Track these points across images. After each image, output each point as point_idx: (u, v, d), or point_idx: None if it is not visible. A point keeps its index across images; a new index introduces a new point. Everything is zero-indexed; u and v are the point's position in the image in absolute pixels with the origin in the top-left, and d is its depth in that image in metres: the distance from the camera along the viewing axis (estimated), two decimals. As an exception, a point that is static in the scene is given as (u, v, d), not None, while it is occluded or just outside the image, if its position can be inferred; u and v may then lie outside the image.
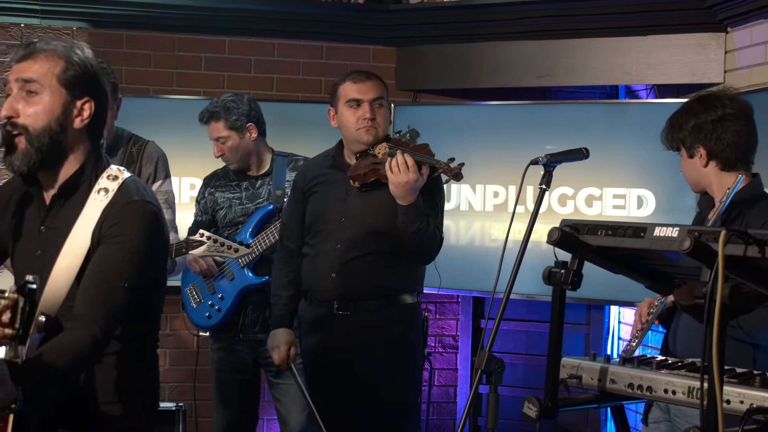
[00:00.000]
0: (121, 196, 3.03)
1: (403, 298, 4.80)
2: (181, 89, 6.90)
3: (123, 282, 2.93)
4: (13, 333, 2.35)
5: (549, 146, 6.00)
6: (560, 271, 2.92)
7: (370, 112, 4.77)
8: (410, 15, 6.93)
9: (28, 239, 3.14)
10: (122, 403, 3.09)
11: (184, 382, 6.59)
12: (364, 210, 4.75)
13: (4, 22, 6.72)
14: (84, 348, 2.82)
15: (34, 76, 2.99)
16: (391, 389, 4.74)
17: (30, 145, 2.98)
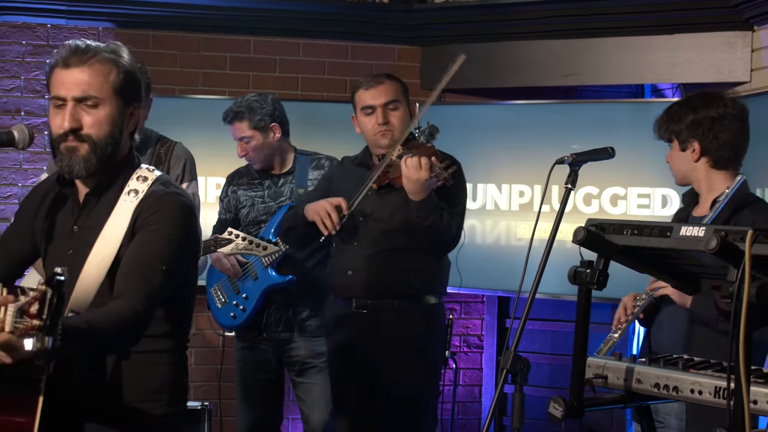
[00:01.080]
0: (154, 192, 3.06)
1: (422, 298, 4.80)
2: (206, 89, 6.92)
3: (161, 265, 2.95)
4: (40, 324, 2.36)
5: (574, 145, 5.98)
6: (586, 270, 2.91)
7: (383, 117, 4.81)
8: (435, 14, 6.93)
9: (60, 239, 3.16)
10: (152, 401, 3.10)
11: (210, 382, 6.61)
12: (381, 209, 4.78)
13: (31, 23, 6.75)
14: (127, 317, 2.81)
15: (91, 92, 2.99)
16: (405, 390, 4.75)
17: (93, 153, 3.01)
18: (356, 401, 4.86)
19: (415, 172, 4.51)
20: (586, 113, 6.48)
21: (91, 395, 3.02)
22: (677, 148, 3.99)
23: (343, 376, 4.90)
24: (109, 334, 2.78)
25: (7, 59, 6.74)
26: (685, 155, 3.96)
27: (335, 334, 4.92)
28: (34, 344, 2.39)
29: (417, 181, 4.52)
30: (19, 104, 6.73)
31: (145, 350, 3.05)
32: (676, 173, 4.06)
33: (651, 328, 4.05)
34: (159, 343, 3.12)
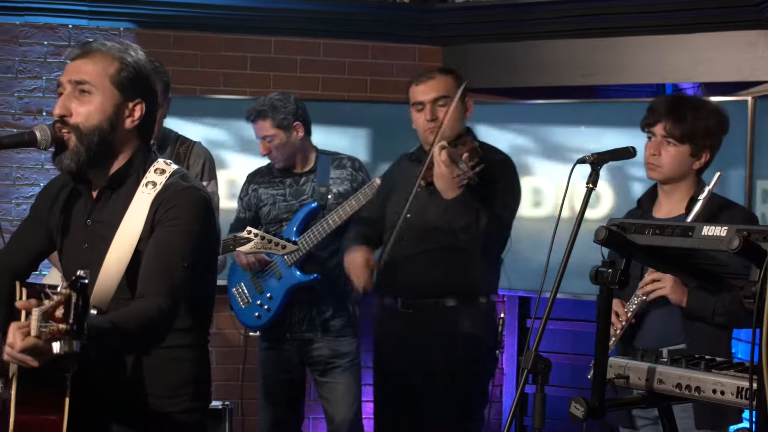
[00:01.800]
0: (172, 185, 3.06)
1: (469, 297, 4.75)
2: (227, 89, 6.93)
3: (182, 261, 2.96)
4: (67, 328, 2.37)
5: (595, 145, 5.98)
6: (607, 270, 2.91)
7: (430, 113, 4.73)
8: (456, 14, 6.92)
9: (75, 233, 3.17)
10: (176, 396, 3.11)
11: (231, 381, 6.62)
12: (428, 207, 4.72)
13: (53, 24, 6.77)
14: (152, 316, 2.83)
15: (86, 77, 3.02)
16: (450, 391, 4.72)
17: (80, 144, 3.01)
18: (399, 399, 4.83)
19: (438, 167, 4.46)
20: (606, 113, 6.46)
21: (115, 391, 3.04)
22: (685, 149, 3.99)
23: (388, 376, 4.89)
24: (134, 334, 2.79)
25: (29, 60, 6.77)
26: (689, 159, 4.00)
27: (380, 330, 4.91)
28: (62, 347, 2.40)
29: (441, 178, 4.47)
30: (41, 105, 6.76)
31: (167, 346, 3.05)
32: (669, 170, 4.02)
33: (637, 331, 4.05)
34: (181, 338, 3.13)
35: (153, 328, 2.87)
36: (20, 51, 6.76)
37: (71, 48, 3.12)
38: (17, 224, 6.48)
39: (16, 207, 6.70)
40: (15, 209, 6.70)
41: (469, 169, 4.43)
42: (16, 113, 6.77)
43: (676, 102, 4.08)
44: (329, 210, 5.26)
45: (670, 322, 3.95)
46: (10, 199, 6.73)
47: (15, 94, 6.76)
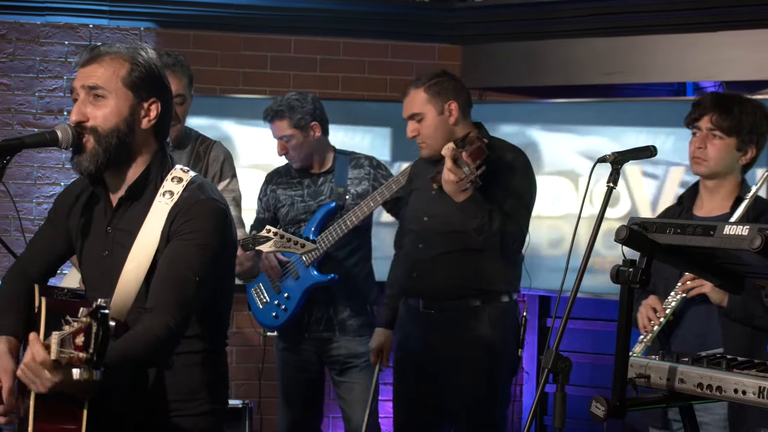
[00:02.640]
0: (189, 196, 3.03)
1: (490, 297, 4.73)
2: (247, 88, 6.94)
3: (194, 276, 2.93)
4: (87, 357, 2.37)
5: (616, 144, 5.97)
6: (628, 269, 2.90)
7: (411, 130, 4.78)
8: (476, 13, 6.92)
9: (94, 239, 3.15)
10: (192, 401, 3.10)
11: (250, 380, 6.63)
12: (444, 209, 4.68)
13: (73, 23, 6.80)
14: (160, 335, 2.82)
15: (99, 81, 3.00)
16: (472, 391, 4.70)
17: (98, 146, 3.00)
18: (421, 399, 4.82)
19: (445, 173, 4.41)
20: (627, 111, 6.45)
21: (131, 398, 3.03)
22: (732, 143, 3.96)
23: (409, 376, 4.88)
24: (143, 358, 2.82)
25: (50, 59, 6.80)
26: (735, 153, 3.97)
27: (403, 333, 4.91)
28: (81, 374, 2.40)
29: (448, 183, 4.42)
30: (62, 104, 6.78)
31: (181, 352, 3.05)
32: (715, 166, 3.99)
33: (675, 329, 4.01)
34: (195, 344, 3.10)
35: (161, 348, 2.87)
36: (41, 51, 6.79)
37: (80, 53, 3.10)
38: (38, 223, 6.51)
39: (37, 206, 6.73)
40: (36, 208, 6.73)
41: (472, 172, 4.37)
42: (37, 113, 6.79)
43: (722, 96, 4.10)
44: (347, 210, 5.25)
45: (707, 322, 3.92)
46: (31, 199, 6.75)
47: (36, 94, 6.79)
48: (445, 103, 4.74)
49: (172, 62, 4.61)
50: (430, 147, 4.73)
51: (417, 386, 4.84)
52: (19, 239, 5.11)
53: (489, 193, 4.54)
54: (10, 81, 6.77)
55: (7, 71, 6.77)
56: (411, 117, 4.75)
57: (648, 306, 4.00)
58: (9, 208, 6.46)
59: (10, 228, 6.54)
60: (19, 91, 6.79)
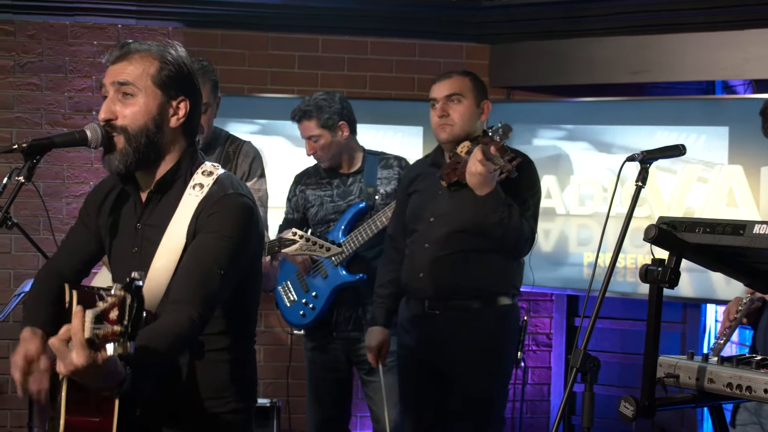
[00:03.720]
0: (217, 190, 3.04)
1: (494, 300, 4.75)
2: (275, 88, 6.96)
3: (219, 269, 2.93)
4: (121, 330, 2.37)
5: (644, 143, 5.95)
6: (657, 269, 2.89)
7: (441, 109, 4.77)
8: (504, 12, 6.90)
9: (124, 236, 3.16)
10: (219, 398, 3.11)
11: (279, 379, 6.64)
12: (451, 209, 4.72)
13: (102, 24, 6.83)
14: (183, 330, 2.81)
15: (129, 78, 3.01)
16: (474, 390, 4.72)
17: (128, 145, 3.01)
18: (427, 401, 4.85)
19: (474, 164, 4.44)
20: (655, 110, 6.43)
21: (161, 394, 3.03)
22: None
23: (413, 377, 4.89)
24: (166, 352, 2.80)
25: (79, 59, 6.83)
26: None
27: (407, 334, 4.91)
28: (116, 349, 2.41)
29: (478, 174, 4.43)
30: (91, 104, 6.81)
31: (209, 349, 3.07)
32: None
33: (756, 332, 3.96)
34: (223, 341, 3.12)
35: (184, 342, 2.87)
36: (70, 51, 6.82)
37: (110, 51, 3.11)
38: (68, 223, 6.57)
39: (66, 206, 6.76)
40: (65, 208, 6.76)
41: (506, 162, 4.41)
42: (66, 112, 6.83)
43: None
44: (377, 210, 5.25)
45: None
46: (60, 198, 6.79)
47: (65, 94, 6.83)
48: (483, 99, 4.84)
49: (196, 68, 4.62)
50: (453, 131, 4.76)
51: (420, 387, 4.86)
52: (48, 238, 5.15)
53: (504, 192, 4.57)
54: (39, 81, 6.81)
55: (36, 71, 6.81)
56: (450, 96, 4.77)
57: (726, 309, 3.97)
58: (39, 208, 6.49)
59: (40, 227, 6.57)
60: (48, 91, 6.82)
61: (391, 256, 5.03)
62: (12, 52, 6.78)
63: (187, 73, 3.11)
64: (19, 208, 6.44)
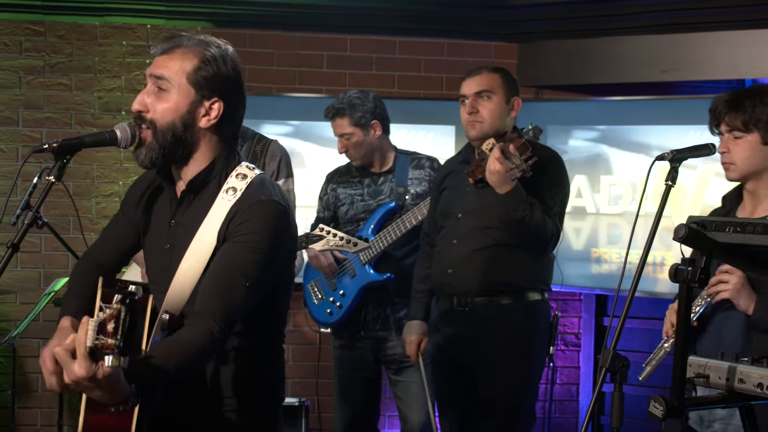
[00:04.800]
0: (250, 195, 3.01)
1: (523, 295, 4.75)
2: (303, 87, 6.97)
3: (245, 281, 2.90)
4: (115, 343, 2.38)
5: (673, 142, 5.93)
6: (687, 268, 2.87)
7: (470, 106, 4.76)
8: (532, 10, 6.89)
9: (158, 232, 3.16)
10: (247, 399, 3.10)
11: (307, 378, 6.66)
12: (478, 205, 4.73)
13: (131, 24, 6.86)
14: (201, 344, 2.79)
15: (165, 73, 3.00)
16: (504, 389, 4.71)
17: (155, 140, 3.00)
18: (457, 398, 4.85)
19: (492, 163, 4.44)
20: (685, 109, 6.40)
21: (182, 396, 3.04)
22: (756, 140, 3.74)
23: (444, 373, 4.90)
24: (184, 368, 2.79)
25: (108, 59, 6.86)
26: (762, 148, 3.73)
27: (438, 331, 4.91)
28: (112, 361, 2.41)
29: (495, 173, 4.44)
30: (120, 103, 6.84)
31: (236, 349, 3.06)
32: (744, 166, 3.76)
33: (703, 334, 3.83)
34: (251, 342, 3.10)
35: (202, 358, 2.86)
36: (100, 51, 6.86)
37: (161, 41, 3.09)
38: (97, 222, 6.62)
39: (96, 205, 6.79)
40: (95, 207, 6.79)
41: (523, 162, 4.41)
42: (95, 112, 6.86)
43: (732, 94, 3.85)
44: (407, 210, 5.25)
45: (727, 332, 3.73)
46: (89, 197, 6.82)
47: (94, 94, 6.86)
48: (513, 96, 4.82)
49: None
50: (482, 128, 4.75)
51: (450, 384, 4.87)
52: (78, 237, 5.18)
53: (527, 191, 4.55)
54: (69, 81, 6.85)
55: (66, 71, 6.84)
56: (479, 93, 4.75)
57: (672, 311, 3.87)
58: (68, 207, 6.52)
59: (69, 226, 6.60)
60: (78, 91, 6.86)
61: (426, 252, 5.04)
62: (42, 53, 6.82)
63: (228, 76, 3.06)
64: (49, 207, 6.47)
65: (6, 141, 6.80)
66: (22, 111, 6.82)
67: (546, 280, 4.84)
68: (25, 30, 6.81)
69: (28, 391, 6.70)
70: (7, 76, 6.80)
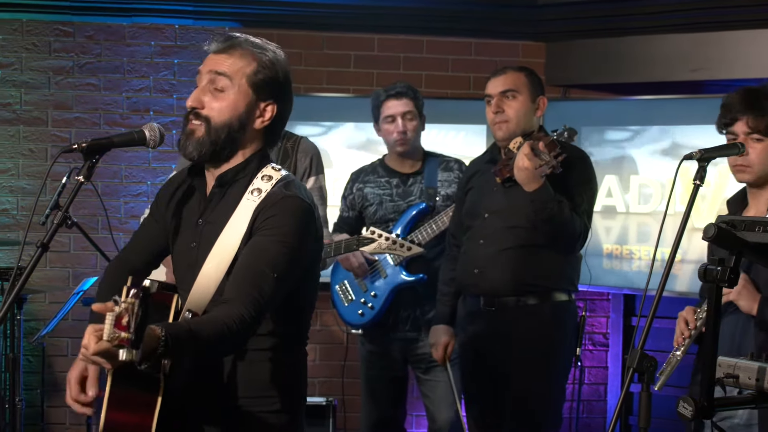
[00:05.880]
0: (276, 192, 3.03)
1: (550, 295, 4.74)
2: (331, 87, 6.98)
3: (273, 273, 2.91)
4: (128, 336, 2.39)
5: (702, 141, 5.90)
6: (717, 268, 2.86)
7: (495, 106, 4.75)
8: (560, 10, 6.88)
9: (186, 231, 3.18)
10: (264, 398, 3.10)
11: (333, 378, 6.66)
12: (505, 205, 4.72)
13: (159, 24, 6.88)
14: (231, 326, 2.78)
15: (227, 71, 3.03)
16: (530, 389, 4.70)
17: (207, 136, 3.02)
18: (484, 398, 4.85)
19: (521, 160, 4.45)
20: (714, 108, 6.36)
21: (203, 394, 3.05)
22: None
23: (472, 373, 4.90)
24: (212, 342, 2.77)
25: (136, 59, 6.89)
26: None
27: (465, 331, 4.91)
28: (126, 355, 2.42)
29: (524, 170, 4.45)
30: (148, 104, 6.87)
31: (259, 349, 3.07)
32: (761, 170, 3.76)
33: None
34: (274, 342, 3.11)
35: (232, 338, 2.83)
36: (128, 51, 6.89)
37: (215, 39, 3.13)
38: (126, 222, 6.65)
39: (124, 205, 6.82)
40: (123, 207, 6.82)
41: (552, 158, 4.41)
42: (123, 112, 6.89)
43: (751, 93, 3.86)
44: (437, 211, 5.24)
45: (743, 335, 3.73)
46: (118, 197, 6.85)
47: (123, 94, 6.89)
48: (538, 95, 4.81)
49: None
50: (509, 128, 4.75)
51: (478, 384, 4.87)
52: (106, 237, 5.21)
53: (555, 189, 4.55)
54: (97, 81, 6.88)
55: (94, 71, 6.87)
56: (504, 92, 4.75)
57: (681, 318, 3.88)
58: (97, 207, 6.55)
59: (98, 226, 6.63)
60: (107, 91, 6.89)
61: (452, 254, 5.03)
62: (71, 53, 6.85)
63: (282, 80, 3.13)
64: (78, 207, 6.50)
65: (35, 141, 6.83)
66: (51, 111, 6.85)
67: (573, 281, 4.83)
68: (54, 31, 6.84)
69: (56, 390, 6.73)
70: (36, 76, 6.84)
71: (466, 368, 4.95)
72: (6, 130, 6.81)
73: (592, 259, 5.44)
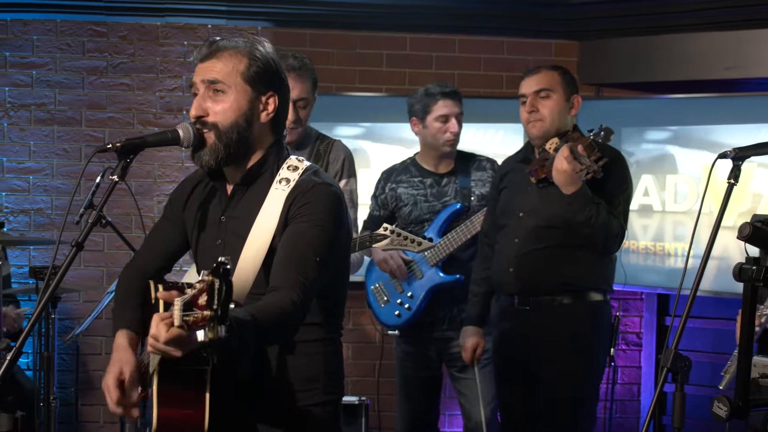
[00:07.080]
0: (305, 182, 3.06)
1: (585, 295, 4.72)
2: (363, 86, 6.98)
3: (315, 256, 2.94)
4: (211, 314, 2.38)
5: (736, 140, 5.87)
6: (752, 267, 2.84)
7: (530, 105, 4.75)
8: (593, 8, 6.85)
9: (209, 229, 3.20)
10: (308, 390, 3.13)
11: (367, 377, 6.66)
12: (540, 204, 4.72)
13: (192, 24, 6.91)
14: (286, 309, 2.82)
15: (218, 76, 3.05)
16: (564, 389, 4.69)
17: (219, 141, 3.05)
18: (517, 397, 4.84)
19: (561, 162, 4.44)
20: (749, 106, 6.34)
21: (251, 386, 3.07)
22: None
23: (505, 373, 4.90)
24: (271, 326, 2.79)
25: (169, 59, 6.91)
26: None
27: (498, 330, 4.91)
28: (206, 335, 2.42)
29: (563, 173, 4.45)
30: (181, 103, 6.89)
31: (300, 340, 3.09)
32: None
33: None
34: (313, 332, 3.14)
35: (288, 321, 2.87)
36: (161, 51, 6.91)
37: (199, 48, 3.15)
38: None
39: (157, 204, 6.85)
40: (156, 206, 6.84)
41: (593, 162, 4.40)
42: (157, 112, 6.92)
43: None
44: (473, 211, 5.24)
45: None
46: (151, 197, 6.88)
47: (156, 94, 6.92)
48: (573, 94, 4.80)
49: (298, 65, 4.64)
50: (543, 127, 4.74)
51: (511, 383, 4.87)
52: (140, 236, 5.21)
53: (591, 191, 4.54)
54: (131, 81, 6.91)
55: (128, 71, 6.90)
56: (538, 92, 4.75)
57: None
58: (131, 206, 6.58)
59: (132, 226, 6.66)
60: (140, 91, 6.92)
61: (485, 254, 5.02)
62: (104, 53, 6.88)
63: (275, 69, 3.14)
64: (112, 206, 6.52)
65: (69, 141, 6.87)
66: (85, 111, 6.89)
67: (608, 280, 4.81)
68: (88, 31, 6.87)
69: (91, 389, 6.76)
70: (70, 76, 6.87)
71: (498, 367, 4.94)
72: (40, 130, 6.85)
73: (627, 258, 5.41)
